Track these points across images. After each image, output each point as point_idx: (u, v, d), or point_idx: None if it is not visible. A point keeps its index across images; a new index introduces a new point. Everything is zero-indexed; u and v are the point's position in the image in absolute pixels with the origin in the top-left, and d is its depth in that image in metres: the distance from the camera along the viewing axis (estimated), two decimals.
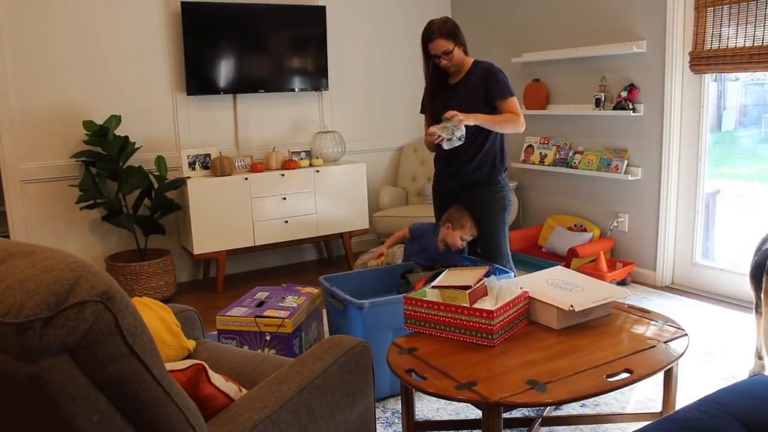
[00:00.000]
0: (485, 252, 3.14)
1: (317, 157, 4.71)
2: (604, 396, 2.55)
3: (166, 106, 4.40)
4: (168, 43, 4.34)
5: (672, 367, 2.00)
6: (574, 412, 2.49)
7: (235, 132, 4.68)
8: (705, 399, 1.42)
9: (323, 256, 5.17)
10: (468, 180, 3.10)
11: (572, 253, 4.08)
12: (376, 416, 2.34)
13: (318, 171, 4.52)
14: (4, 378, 1.05)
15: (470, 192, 3.11)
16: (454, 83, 3.06)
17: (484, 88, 2.98)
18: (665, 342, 2.00)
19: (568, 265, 3.99)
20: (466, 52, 3.02)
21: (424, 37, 2.96)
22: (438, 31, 2.90)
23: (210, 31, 4.33)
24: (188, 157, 4.26)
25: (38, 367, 1.00)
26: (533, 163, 4.76)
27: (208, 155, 4.33)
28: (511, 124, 2.97)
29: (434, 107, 3.08)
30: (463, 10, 5.36)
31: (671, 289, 3.99)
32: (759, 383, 1.49)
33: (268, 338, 2.70)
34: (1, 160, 3.94)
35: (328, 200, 4.57)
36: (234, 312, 2.81)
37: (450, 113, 2.85)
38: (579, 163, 4.42)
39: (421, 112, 3.27)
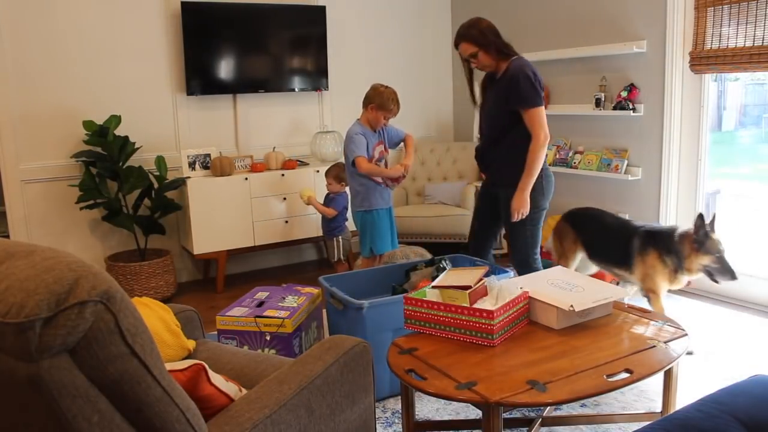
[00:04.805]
0: (511, 252, 3.16)
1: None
2: (604, 396, 2.55)
3: (166, 106, 4.40)
4: (168, 43, 4.34)
5: (672, 367, 2.00)
6: (574, 412, 2.49)
7: (235, 132, 4.68)
8: (705, 399, 1.42)
9: (323, 256, 5.17)
10: (498, 179, 3.08)
11: None
12: (376, 416, 2.33)
13: (318, 171, 4.52)
14: (4, 378, 1.05)
15: (501, 192, 3.06)
16: (497, 80, 2.98)
17: (506, 94, 2.88)
18: (665, 342, 2.00)
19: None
20: (500, 52, 2.90)
21: (455, 41, 2.97)
22: (461, 34, 2.89)
23: (210, 31, 4.33)
24: (188, 157, 4.26)
25: (38, 367, 1.00)
26: None
27: (208, 155, 4.33)
28: (538, 156, 2.87)
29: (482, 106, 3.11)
30: (463, 10, 5.36)
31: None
32: (759, 383, 1.49)
33: (268, 338, 2.70)
34: (1, 160, 3.94)
35: None
36: (234, 312, 2.81)
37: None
38: (579, 163, 4.41)
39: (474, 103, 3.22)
